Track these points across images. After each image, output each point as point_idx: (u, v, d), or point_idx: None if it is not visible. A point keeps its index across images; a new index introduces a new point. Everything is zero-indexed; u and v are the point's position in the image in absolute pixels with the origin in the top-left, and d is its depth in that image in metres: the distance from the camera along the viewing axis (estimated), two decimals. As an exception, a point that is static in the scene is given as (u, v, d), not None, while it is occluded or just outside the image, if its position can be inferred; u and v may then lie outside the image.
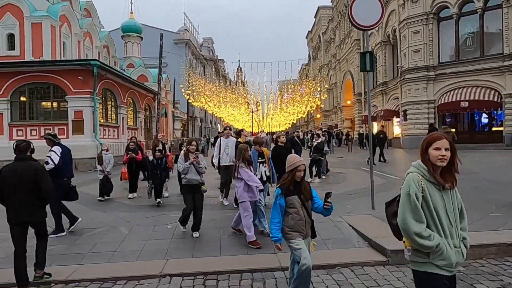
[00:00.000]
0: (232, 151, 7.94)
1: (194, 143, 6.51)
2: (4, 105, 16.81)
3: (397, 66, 26.41)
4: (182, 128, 35.77)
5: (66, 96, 16.82)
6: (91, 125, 16.93)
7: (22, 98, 17.38)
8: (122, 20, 31.41)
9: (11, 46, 21.08)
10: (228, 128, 9.05)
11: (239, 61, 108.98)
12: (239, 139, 8.44)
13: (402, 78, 24.65)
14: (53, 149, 6.67)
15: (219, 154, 8.29)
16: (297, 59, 59.60)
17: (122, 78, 20.37)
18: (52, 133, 7.10)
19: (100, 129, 17.55)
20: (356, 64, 31.81)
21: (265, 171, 6.60)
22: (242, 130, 9.83)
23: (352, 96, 38.44)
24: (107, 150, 9.78)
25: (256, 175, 6.15)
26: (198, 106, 30.95)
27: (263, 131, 15.90)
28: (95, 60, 18.40)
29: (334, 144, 27.44)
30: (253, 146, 6.75)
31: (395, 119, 27.28)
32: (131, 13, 30.75)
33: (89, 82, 16.73)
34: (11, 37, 21.08)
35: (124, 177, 10.31)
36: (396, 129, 27.70)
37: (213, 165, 8.49)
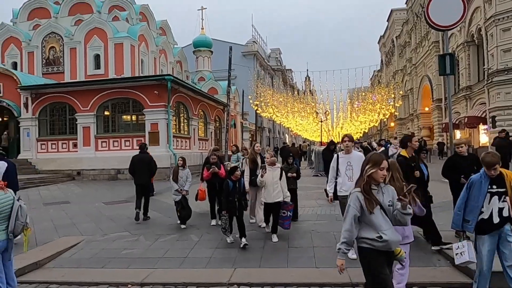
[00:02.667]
0: (357, 172, 3.94)
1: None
2: (91, 119, 18.48)
3: (484, 68, 24.21)
4: (250, 139, 36.40)
5: (144, 110, 17.99)
6: (166, 136, 17.89)
7: (106, 113, 18.95)
8: (193, 35, 33.06)
9: (97, 66, 23.25)
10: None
11: (307, 70, 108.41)
12: (403, 152, 5.52)
13: (489, 81, 22.53)
14: None
15: (336, 177, 5.54)
16: (368, 66, 57.36)
17: (194, 91, 21.32)
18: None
19: (173, 140, 18.48)
20: (435, 68, 29.82)
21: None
22: (410, 136, 6.05)
23: (430, 103, 36.06)
24: (183, 167, 7.88)
25: None
26: (266, 117, 31.25)
27: (333, 141, 15.45)
28: (169, 75, 19.49)
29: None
30: None
31: (481, 127, 24.93)
32: (202, 29, 32.32)
33: (163, 96, 17.75)
34: (97, 57, 23.27)
35: (202, 197, 8.17)
36: (483, 137, 25.28)
37: (326, 194, 5.79)
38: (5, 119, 20.08)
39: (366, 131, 39.98)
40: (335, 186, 5.50)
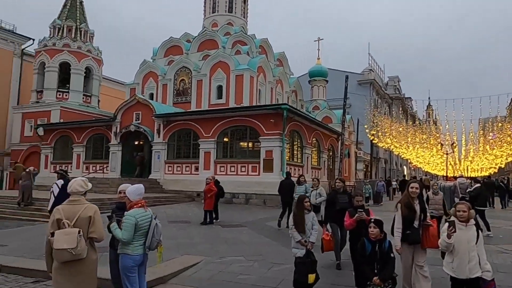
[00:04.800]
0: None
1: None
2: (212, 144, 19.75)
3: None
4: (364, 169, 34.68)
5: (259, 137, 18.52)
6: (279, 163, 18.01)
7: (225, 139, 20.07)
8: (309, 65, 33.51)
9: (219, 95, 25.04)
10: None
11: (429, 98, 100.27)
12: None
13: None
14: (57, 182, 8.71)
15: None
16: (505, 93, 50.00)
17: (308, 120, 21.28)
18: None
19: (286, 168, 18.49)
20: None
21: None
22: None
23: None
24: (308, 209, 5.37)
25: None
26: (383, 147, 29.52)
27: (462, 176, 13.61)
28: (285, 104, 19.85)
29: None
30: None
31: None
32: (318, 59, 32.61)
33: (279, 124, 18.05)
34: (219, 88, 25.11)
35: (328, 247, 6.26)
36: None
37: None
38: (141, 142, 22.77)
39: (503, 166, 34.67)
40: None
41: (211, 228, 11.34)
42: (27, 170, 15.33)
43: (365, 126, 27.91)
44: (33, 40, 29.86)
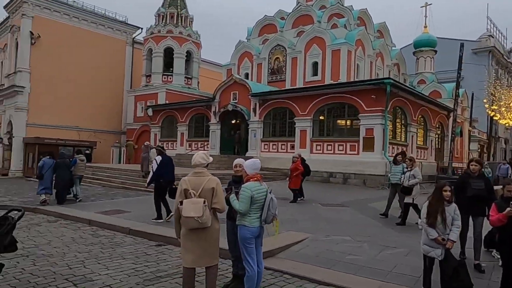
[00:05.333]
0: None
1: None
2: (308, 123, 19.33)
3: None
4: (479, 150, 30.91)
5: (359, 115, 17.53)
6: (381, 142, 16.88)
7: (321, 117, 19.47)
8: (413, 36, 30.58)
9: (314, 72, 24.31)
10: None
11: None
12: None
13: None
14: (155, 157, 9.14)
15: None
16: None
17: (414, 95, 19.47)
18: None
19: (388, 147, 17.28)
20: None
21: None
22: None
23: None
24: (449, 202, 4.53)
25: None
26: (507, 124, 25.67)
27: None
28: (388, 78, 18.42)
29: None
30: None
31: None
32: (425, 27, 29.48)
33: (381, 100, 16.82)
34: (314, 64, 24.35)
35: None
36: None
37: None
38: (237, 121, 23.38)
39: None
40: None
41: (310, 205, 11.10)
42: (145, 143, 16.94)
43: (484, 101, 24.48)
44: (141, 29, 32.40)
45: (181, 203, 3.97)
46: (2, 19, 31.02)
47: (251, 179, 4.34)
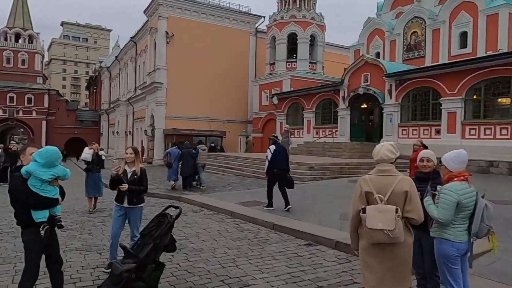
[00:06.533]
0: None
1: None
2: (458, 103, 16.48)
3: None
4: None
5: (529, 90, 14.17)
6: None
7: (475, 96, 16.42)
8: None
9: (463, 44, 20.77)
10: None
11: None
12: None
13: None
14: (270, 147, 9.03)
15: None
16: None
17: None
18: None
19: None
20: None
21: None
22: None
23: None
24: None
25: None
26: None
27: None
28: None
29: None
30: None
31: None
32: None
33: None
34: (463, 35, 20.80)
35: None
36: None
37: None
38: (369, 105, 21.49)
39: None
40: None
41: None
42: (286, 127, 18.65)
43: None
44: (264, 17, 32.50)
45: (364, 210, 2.97)
46: (141, 24, 34.56)
47: (456, 178, 3.27)
